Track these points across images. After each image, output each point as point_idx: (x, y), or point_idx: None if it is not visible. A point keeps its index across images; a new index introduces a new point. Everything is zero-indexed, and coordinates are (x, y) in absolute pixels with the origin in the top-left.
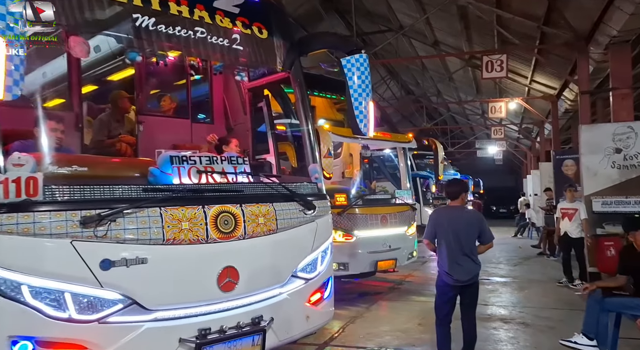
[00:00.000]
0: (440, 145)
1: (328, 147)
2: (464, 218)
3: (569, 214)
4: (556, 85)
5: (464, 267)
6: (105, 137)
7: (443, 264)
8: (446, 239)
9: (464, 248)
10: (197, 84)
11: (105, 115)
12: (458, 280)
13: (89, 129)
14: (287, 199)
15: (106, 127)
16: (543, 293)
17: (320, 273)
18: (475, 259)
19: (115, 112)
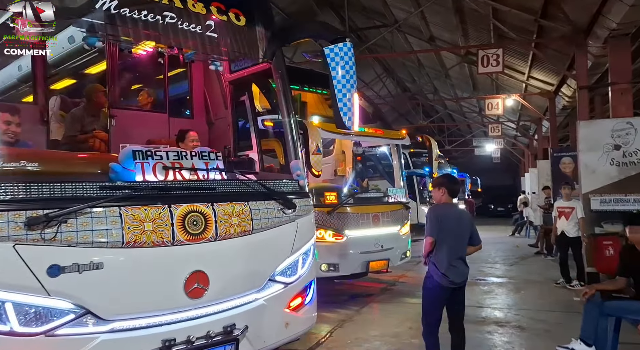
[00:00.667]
0: (434, 142)
1: (317, 144)
2: (463, 217)
3: (566, 212)
4: (554, 81)
5: (458, 269)
6: (78, 133)
7: (440, 265)
8: (449, 238)
9: (462, 249)
10: (176, 76)
11: (78, 110)
12: (453, 282)
13: (61, 123)
14: (264, 198)
15: (79, 122)
16: (540, 294)
17: (301, 276)
18: (466, 260)
19: (89, 107)
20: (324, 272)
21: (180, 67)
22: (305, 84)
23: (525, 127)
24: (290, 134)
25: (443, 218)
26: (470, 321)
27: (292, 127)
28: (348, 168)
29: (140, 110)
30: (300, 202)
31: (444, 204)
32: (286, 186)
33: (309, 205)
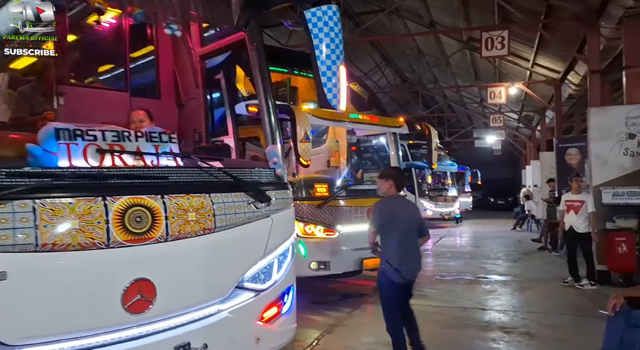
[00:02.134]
0: (434, 131)
1: (305, 131)
2: (410, 209)
3: (575, 206)
4: (560, 68)
5: (413, 264)
6: (26, 113)
7: (393, 260)
8: (398, 231)
9: (413, 241)
10: (139, 49)
11: (27, 88)
12: (405, 279)
13: (8, 103)
14: (231, 189)
15: (27, 101)
16: (547, 294)
17: (277, 282)
18: (419, 253)
19: (39, 84)
20: (313, 270)
21: (145, 39)
22: (296, 67)
23: (528, 118)
24: (267, 116)
25: (390, 211)
26: (473, 326)
27: (270, 108)
28: (342, 158)
29: (96, 87)
30: (276, 194)
31: (390, 196)
32: (259, 176)
33: (288, 198)
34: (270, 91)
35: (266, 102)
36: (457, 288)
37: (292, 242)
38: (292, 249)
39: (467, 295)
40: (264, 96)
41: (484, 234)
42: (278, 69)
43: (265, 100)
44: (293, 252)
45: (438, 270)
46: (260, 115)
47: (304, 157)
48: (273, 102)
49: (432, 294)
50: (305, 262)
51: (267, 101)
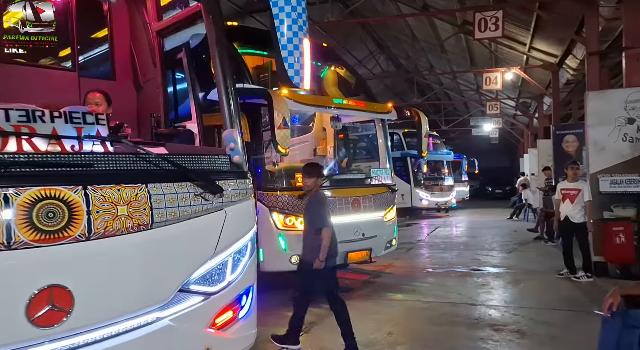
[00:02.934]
0: (424, 117)
1: (284, 116)
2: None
3: (571, 195)
4: (558, 52)
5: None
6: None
7: (333, 247)
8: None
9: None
10: (90, 22)
11: None
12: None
13: None
14: (174, 179)
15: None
16: (541, 288)
17: (232, 283)
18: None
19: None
20: (294, 264)
21: (96, 11)
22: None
23: (525, 105)
24: (226, 97)
25: (328, 205)
26: (461, 323)
27: (228, 88)
28: (329, 147)
29: (37, 66)
30: (232, 184)
31: (318, 191)
32: (211, 163)
33: (247, 189)
34: (228, 68)
35: (224, 81)
36: (448, 281)
37: (252, 238)
38: (252, 245)
39: (458, 289)
40: (221, 74)
41: (480, 223)
42: (257, 51)
43: (224, 79)
44: (253, 248)
45: (430, 262)
46: (218, 95)
47: (282, 145)
48: (232, 81)
49: (422, 288)
50: (286, 256)
51: (225, 80)
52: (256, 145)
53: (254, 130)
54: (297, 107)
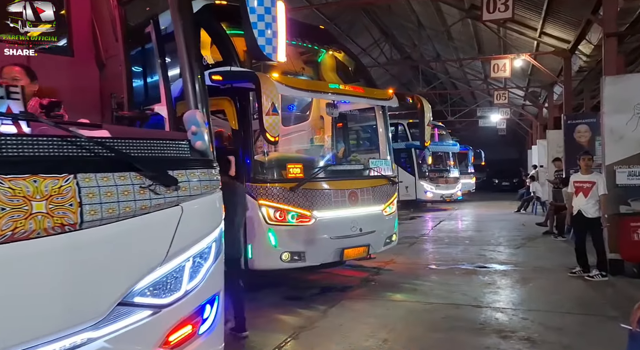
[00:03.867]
0: (427, 105)
1: (273, 102)
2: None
3: (584, 188)
4: (570, 37)
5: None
6: None
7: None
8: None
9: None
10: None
11: None
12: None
13: None
14: (113, 168)
15: None
16: (552, 287)
17: (190, 293)
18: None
19: None
20: (286, 262)
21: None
22: None
23: (535, 94)
24: (190, 73)
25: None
26: (464, 328)
27: (192, 63)
28: (326, 136)
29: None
30: (192, 175)
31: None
32: (165, 149)
33: (212, 180)
34: (193, 38)
35: (187, 53)
36: (452, 280)
37: (218, 238)
38: (218, 246)
39: (463, 288)
40: (184, 44)
41: (487, 217)
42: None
43: (187, 51)
44: (219, 250)
45: (433, 259)
46: (181, 70)
47: (270, 133)
48: (197, 53)
49: (424, 287)
50: (276, 253)
51: (188, 52)
52: (245, 133)
53: (243, 117)
54: (288, 92)
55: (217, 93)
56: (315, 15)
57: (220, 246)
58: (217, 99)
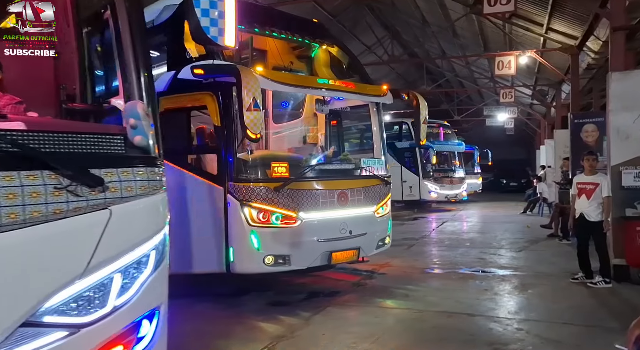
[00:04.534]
0: (423, 102)
1: (254, 96)
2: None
3: (587, 190)
4: (578, 33)
5: None
6: None
7: None
8: None
9: None
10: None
11: None
12: None
13: None
14: (19, 165)
15: None
16: (552, 295)
17: (121, 308)
18: None
19: None
20: (269, 266)
21: None
22: (262, 26)
23: (542, 93)
24: (133, 57)
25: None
26: (453, 340)
27: (136, 45)
28: (320, 134)
29: None
30: (125, 174)
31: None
32: (91, 144)
33: (153, 180)
34: (137, 17)
35: (131, 33)
36: (447, 285)
37: (159, 245)
38: (159, 254)
39: (457, 295)
40: (128, 31)
41: (491, 218)
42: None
43: (130, 29)
44: (161, 258)
45: (430, 262)
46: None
47: (251, 130)
48: (142, 32)
49: (417, 293)
50: (259, 256)
51: (131, 30)
52: (227, 130)
53: (225, 114)
54: (272, 87)
55: (199, 88)
56: (316, 11)
57: (164, 254)
58: (199, 94)
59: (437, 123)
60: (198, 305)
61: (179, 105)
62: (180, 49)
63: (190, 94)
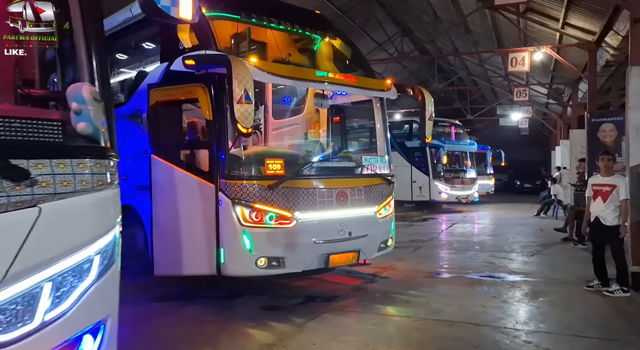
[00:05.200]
0: (429, 97)
1: (245, 88)
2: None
3: (603, 192)
4: (596, 28)
5: None
6: None
7: None
8: None
9: None
10: None
11: None
12: None
13: None
14: None
15: None
16: (565, 303)
17: (52, 323)
18: None
19: None
20: (262, 268)
21: None
22: (259, 16)
23: (558, 91)
24: (84, 34)
25: None
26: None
27: (86, 21)
28: (322, 131)
29: None
30: (60, 166)
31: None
32: (17, 131)
33: (98, 174)
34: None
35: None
36: (452, 291)
37: (106, 249)
38: (106, 259)
39: (462, 302)
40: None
41: (503, 220)
42: (228, 15)
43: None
44: (107, 265)
45: (436, 266)
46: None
47: (242, 123)
48: (94, 14)
49: (419, 299)
50: (251, 258)
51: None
52: (219, 124)
53: (217, 107)
54: (265, 79)
55: (192, 80)
56: (326, 7)
57: (112, 259)
58: (191, 86)
59: (448, 122)
60: (187, 308)
61: (170, 97)
62: (173, 40)
63: (182, 86)
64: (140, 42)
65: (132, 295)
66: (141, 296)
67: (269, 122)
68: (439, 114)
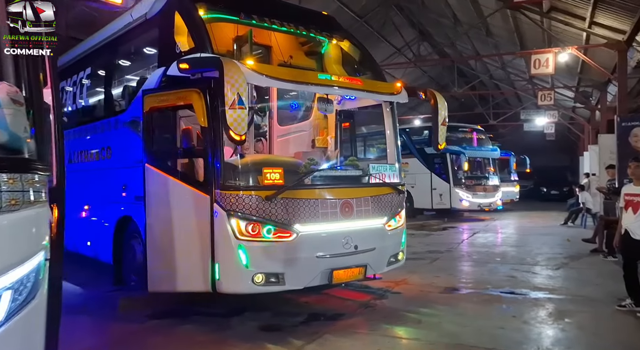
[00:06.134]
0: (442, 100)
1: (238, 92)
2: None
3: (635, 202)
4: (626, 26)
5: None
6: None
7: None
8: None
9: None
10: None
11: None
12: None
13: None
14: None
15: None
16: (595, 326)
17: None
18: None
19: None
20: (259, 285)
21: None
22: (261, 17)
23: (586, 95)
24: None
25: None
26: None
27: None
28: (330, 138)
29: None
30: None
31: None
32: None
33: (14, 191)
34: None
35: None
36: (468, 310)
37: (21, 282)
38: (24, 292)
39: (478, 323)
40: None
41: (528, 229)
42: (227, 17)
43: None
44: (25, 299)
45: (454, 280)
46: None
47: (235, 130)
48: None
49: (432, 318)
50: (248, 274)
51: None
52: (214, 131)
53: (212, 113)
54: (262, 82)
55: (188, 85)
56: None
57: (32, 293)
58: (185, 91)
59: (469, 127)
60: (182, 326)
61: (165, 104)
62: (170, 43)
63: (176, 91)
64: (142, 48)
65: (128, 311)
66: (137, 312)
67: (274, 128)
68: (460, 119)
